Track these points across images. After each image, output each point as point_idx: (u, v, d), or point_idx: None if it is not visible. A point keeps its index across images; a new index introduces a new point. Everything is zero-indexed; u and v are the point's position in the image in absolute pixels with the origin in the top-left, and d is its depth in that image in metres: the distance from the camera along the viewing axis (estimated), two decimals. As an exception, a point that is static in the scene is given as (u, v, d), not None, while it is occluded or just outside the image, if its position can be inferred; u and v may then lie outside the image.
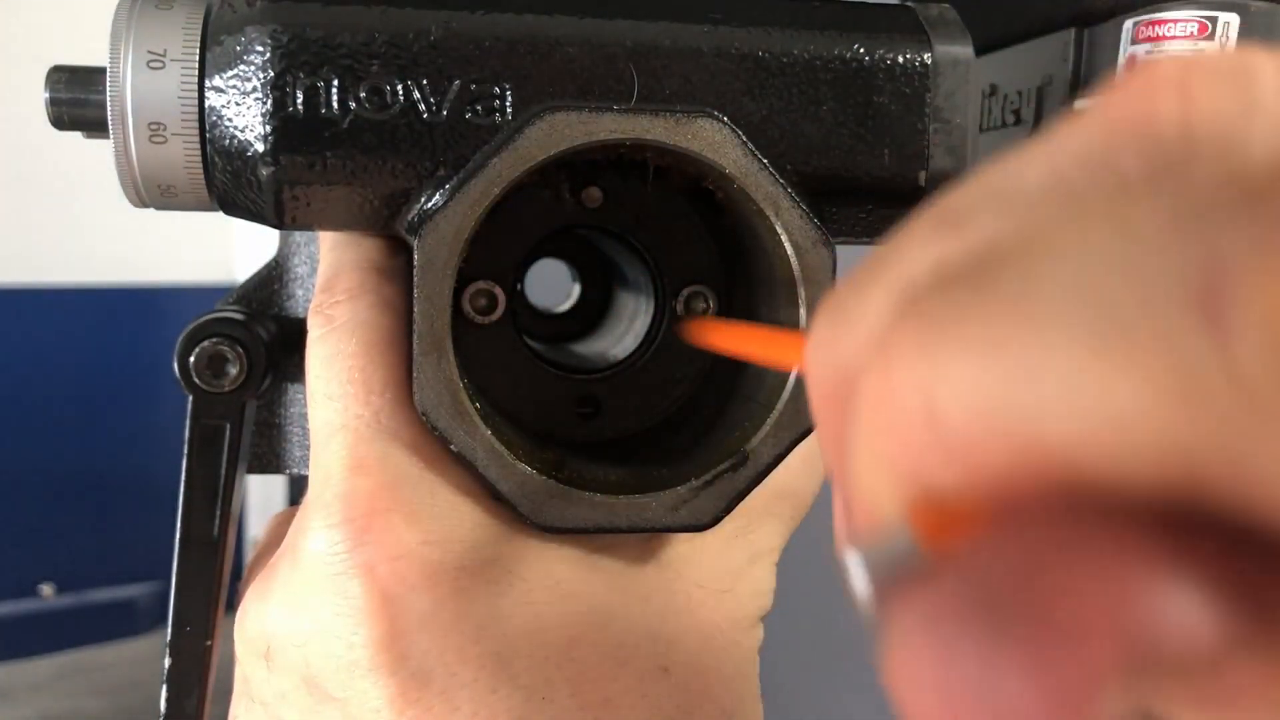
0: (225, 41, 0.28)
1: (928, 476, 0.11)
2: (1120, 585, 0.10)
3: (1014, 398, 0.10)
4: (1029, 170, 0.13)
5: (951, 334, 0.11)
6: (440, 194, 0.28)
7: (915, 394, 0.11)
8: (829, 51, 0.30)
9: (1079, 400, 0.10)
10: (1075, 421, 0.10)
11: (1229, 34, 0.36)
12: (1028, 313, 0.10)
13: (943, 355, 0.11)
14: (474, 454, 0.29)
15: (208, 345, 0.32)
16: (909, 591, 0.11)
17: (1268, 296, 0.09)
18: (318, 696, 0.29)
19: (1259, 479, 0.09)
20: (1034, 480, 0.10)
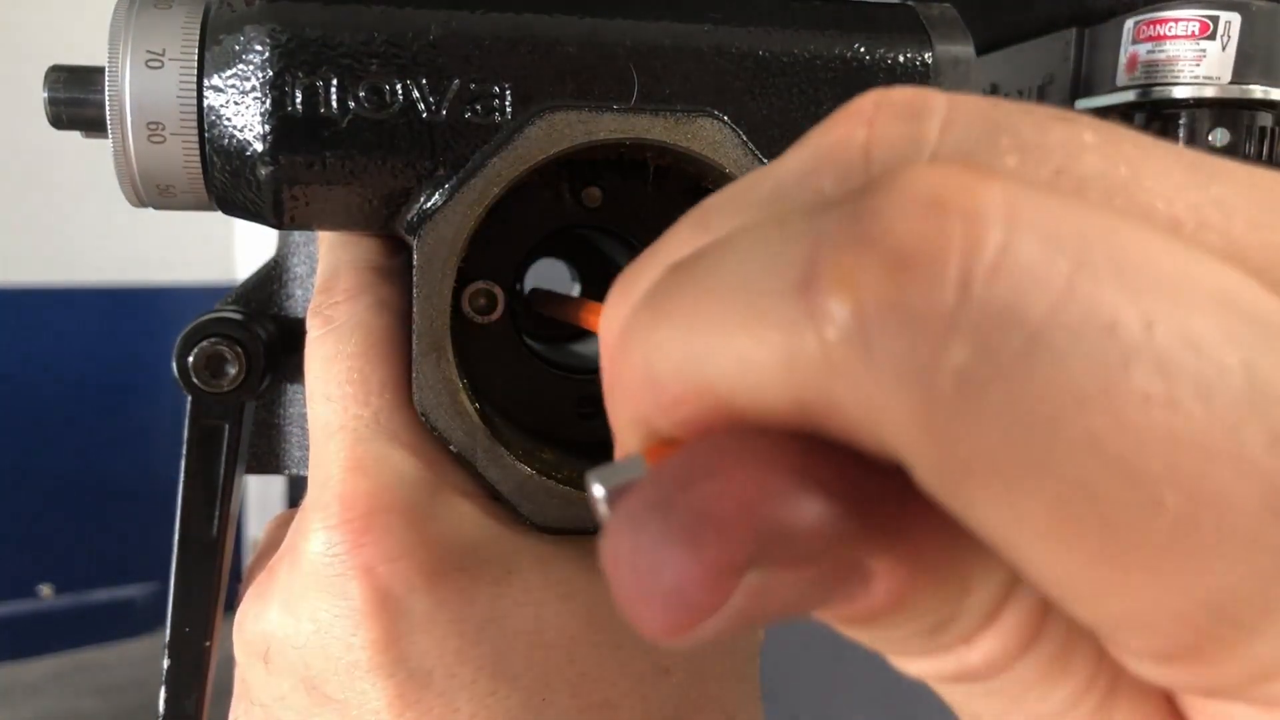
0: (224, 41, 0.28)
1: (651, 422, 0.15)
2: (751, 487, 0.13)
3: (695, 358, 0.14)
4: (763, 183, 0.16)
5: (662, 312, 0.14)
6: (440, 194, 0.28)
7: (640, 358, 0.14)
8: (830, 51, 0.30)
9: (732, 357, 0.13)
10: (732, 372, 0.13)
11: (1230, 32, 0.36)
12: (705, 296, 0.14)
13: (655, 329, 0.14)
14: (473, 454, 0.29)
15: (206, 345, 0.32)
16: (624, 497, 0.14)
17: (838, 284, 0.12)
18: (317, 698, 0.29)
19: (838, 411, 0.13)
20: (715, 418, 0.14)
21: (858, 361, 0.12)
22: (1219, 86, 0.36)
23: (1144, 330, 0.12)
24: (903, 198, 0.12)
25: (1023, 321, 0.11)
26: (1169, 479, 0.12)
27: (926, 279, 0.12)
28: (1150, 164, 0.14)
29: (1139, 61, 0.37)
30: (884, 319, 0.12)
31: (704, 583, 0.13)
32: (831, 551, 0.13)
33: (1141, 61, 0.37)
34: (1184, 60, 0.36)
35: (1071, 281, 0.12)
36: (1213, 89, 0.36)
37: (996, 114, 0.14)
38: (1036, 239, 0.12)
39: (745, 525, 0.13)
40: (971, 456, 0.12)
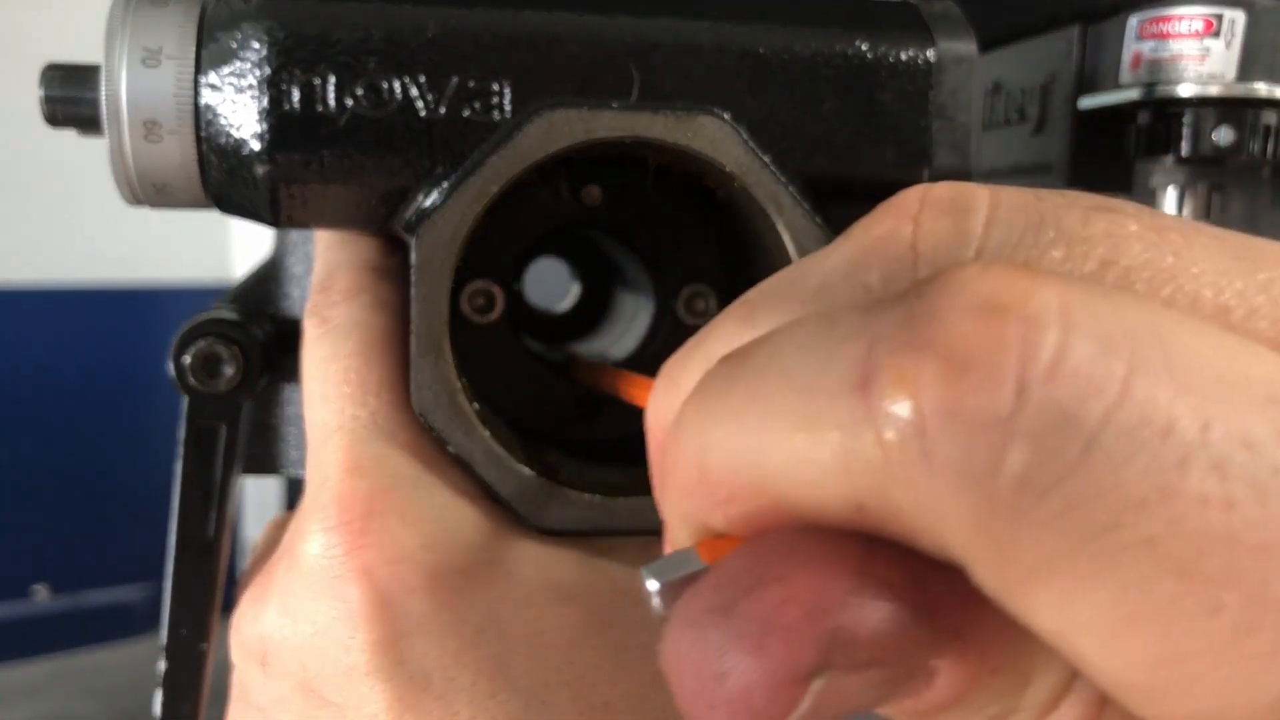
0: (221, 38, 0.28)
1: (703, 516, 0.15)
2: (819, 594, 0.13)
3: (750, 457, 0.14)
4: (809, 276, 0.16)
5: (714, 407, 0.14)
6: (438, 192, 0.28)
7: (693, 454, 0.14)
8: (831, 48, 0.30)
9: (789, 458, 0.13)
10: (789, 472, 0.13)
11: (1235, 30, 0.36)
12: (759, 393, 0.14)
13: (708, 425, 0.14)
14: (472, 455, 0.29)
15: (202, 345, 0.31)
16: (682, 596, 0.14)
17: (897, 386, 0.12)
18: (315, 701, 0.28)
19: (898, 512, 0.13)
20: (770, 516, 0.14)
21: (916, 465, 0.12)
22: (1223, 85, 0.36)
23: (1200, 431, 0.12)
24: (959, 299, 0.12)
25: (1080, 425, 0.12)
26: (1228, 581, 0.11)
27: (985, 383, 0.12)
28: (1195, 251, 0.14)
29: (1143, 59, 0.37)
30: (943, 423, 0.12)
31: (770, 690, 0.13)
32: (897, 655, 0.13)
33: (1145, 59, 0.37)
34: (1188, 58, 0.36)
35: (1127, 384, 0.12)
36: (1217, 87, 0.36)
37: (1040, 207, 0.15)
38: (1091, 340, 0.12)
39: (811, 633, 0.13)
40: (1031, 560, 0.12)
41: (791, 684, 0.13)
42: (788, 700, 0.13)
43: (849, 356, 0.13)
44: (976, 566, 0.12)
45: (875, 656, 0.13)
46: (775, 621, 0.13)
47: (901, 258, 0.15)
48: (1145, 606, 0.12)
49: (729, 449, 0.14)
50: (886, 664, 0.13)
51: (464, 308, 0.31)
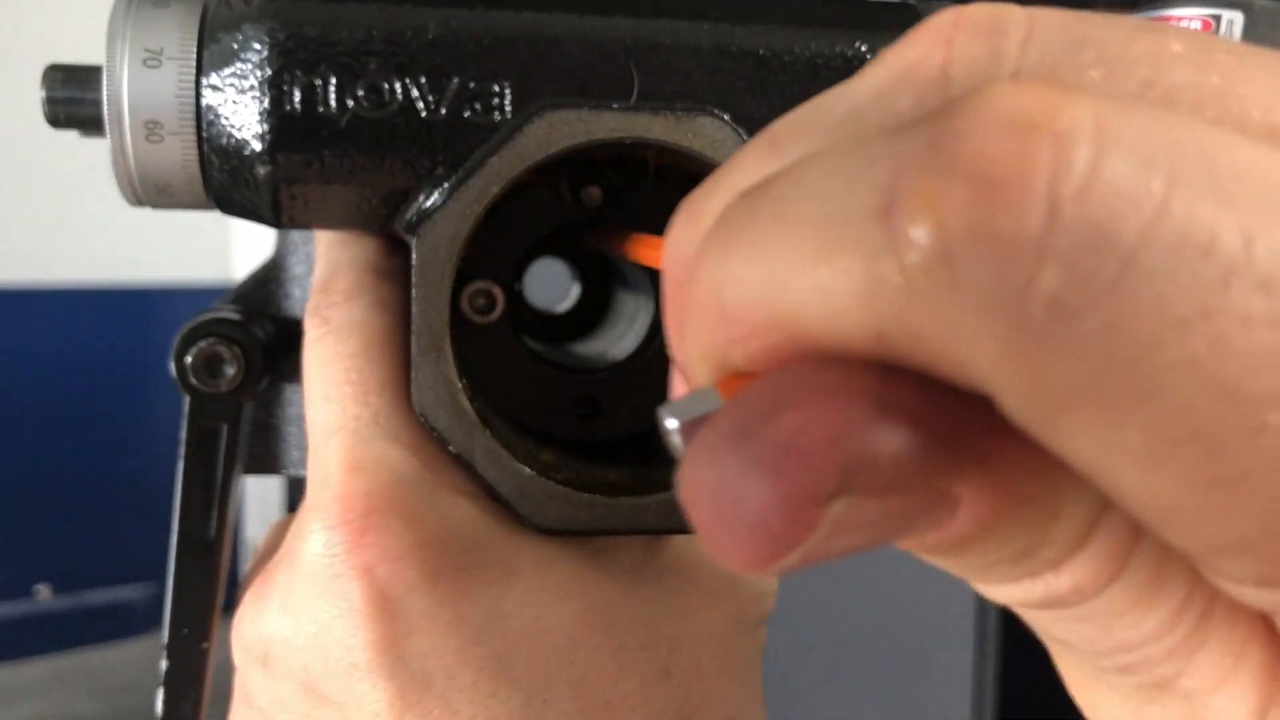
0: (222, 39, 0.28)
1: (723, 354, 0.14)
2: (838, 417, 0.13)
3: (770, 289, 0.13)
4: (837, 105, 0.15)
5: (735, 240, 0.14)
6: (439, 193, 0.28)
7: (712, 290, 0.14)
8: (831, 49, 0.30)
9: (809, 287, 0.13)
10: (810, 302, 0.13)
11: (1233, 32, 0.36)
12: (781, 223, 0.13)
13: (728, 258, 0.14)
14: (472, 455, 0.29)
15: (204, 345, 0.31)
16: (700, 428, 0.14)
17: (920, 210, 0.12)
18: (316, 701, 0.28)
19: (921, 340, 0.12)
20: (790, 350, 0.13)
21: (942, 289, 0.12)
22: (1221, 85, 0.36)
23: (1243, 246, 0.11)
24: (987, 118, 0.12)
25: (1116, 244, 0.11)
26: (1273, 400, 0.11)
27: (1014, 202, 0.11)
28: (1245, 72, 0.13)
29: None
30: (970, 244, 0.11)
31: (789, 513, 0.12)
32: (917, 480, 0.13)
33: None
34: (1186, 59, 0.36)
35: (1165, 199, 0.11)
36: (1215, 88, 0.36)
37: (1080, 28, 0.14)
38: (1127, 156, 0.11)
39: (830, 454, 0.12)
40: (1065, 386, 0.11)
41: (810, 506, 0.12)
42: (806, 523, 0.12)
43: (873, 181, 0.12)
44: (1006, 395, 0.12)
45: (896, 480, 0.13)
46: (794, 444, 0.12)
47: (933, 82, 0.14)
48: (1188, 428, 0.11)
49: (750, 282, 0.13)
50: (908, 489, 0.13)
51: (464, 308, 0.31)
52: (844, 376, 0.13)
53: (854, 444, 0.12)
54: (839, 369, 0.13)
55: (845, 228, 0.12)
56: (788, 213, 0.13)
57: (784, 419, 0.13)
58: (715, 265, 0.14)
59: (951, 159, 0.12)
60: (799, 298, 0.13)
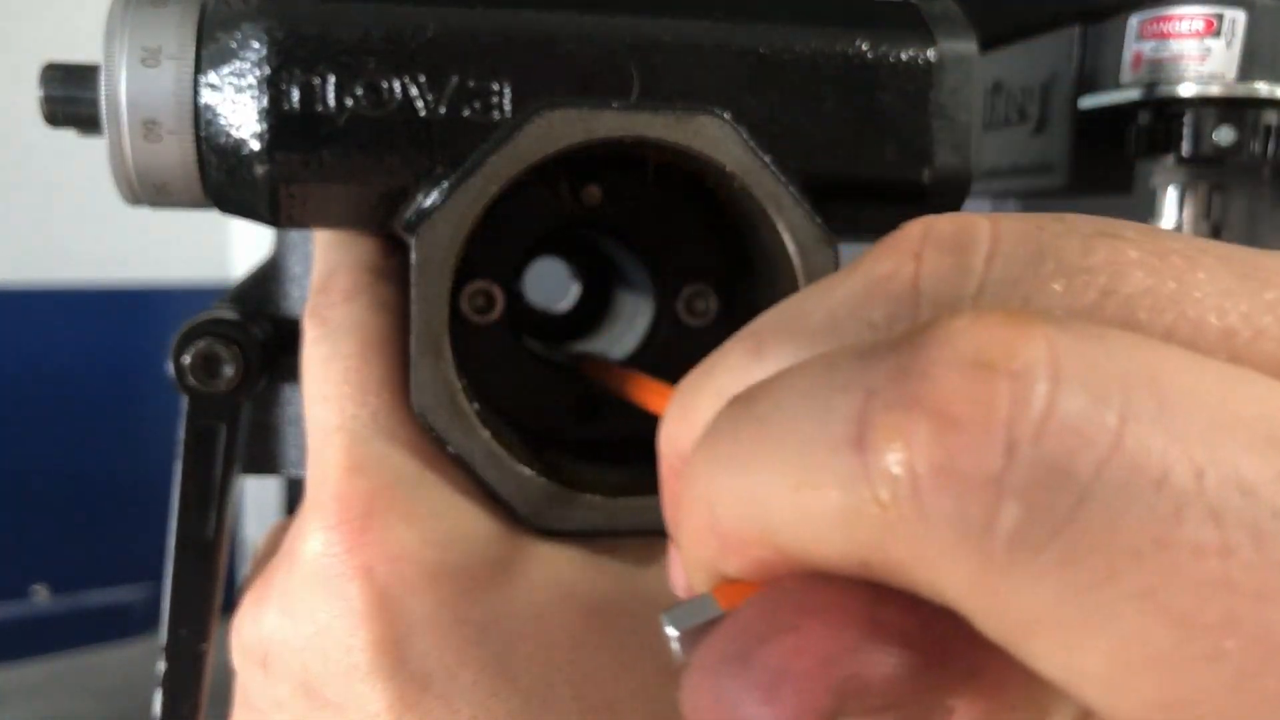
0: (220, 38, 0.28)
1: (717, 564, 0.15)
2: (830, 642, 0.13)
3: (756, 510, 0.14)
4: (816, 309, 0.16)
5: (722, 456, 0.14)
6: (438, 192, 0.28)
7: (704, 504, 0.15)
8: (832, 48, 0.30)
9: (792, 512, 0.13)
10: (794, 524, 0.14)
11: (1235, 30, 0.36)
12: (763, 443, 0.14)
13: (716, 474, 0.15)
14: (472, 455, 0.29)
15: (202, 345, 0.31)
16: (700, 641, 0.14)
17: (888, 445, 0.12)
18: (316, 702, 0.28)
19: (899, 565, 0.13)
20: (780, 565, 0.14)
21: (912, 521, 0.12)
22: (1224, 84, 0.36)
23: (1194, 478, 0.12)
24: (948, 356, 0.13)
25: (1072, 480, 0.12)
26: (1228, 628, 0.11)
27: (974, 441, 0.12)
28: (1199, 274, 0.14)
29: (1143, 59, 0.37)
30: (935, 481, 0.12)
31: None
32: (910, 698, 0.13)
33: (1146, 59, 0.37)
34: (1189, 58, 0.36)
35: (1119, 434, 0.12)
36: (1218, 87, 0.36)
37: (1040, 238, 0.15)
38: (1081, 391, 0.12)
39: (823, 680, 0.13)
40: (1029, 612, 0.12)
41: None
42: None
43: (845, 410, 0.13)
44: (977, 618, 0.13)
45: (889, 701, 0.13)
46: (789, 670, 0.13)
47: (904, 296, 0.15)
48: (1146, 654, 0.12)
49: (736, 500, 0.14)
50: (901, 708, 0.13)
51: (464, 307, 0.31)
52: (834, 596, 0.14)
53: (846, 667, 0.13)
54: (830, 587, 0.14)
55: (821, 455, 0.13)
56: (768, 434, 0.14)
57: (779, 643, 0.13)
58: (706, 478, 0.15)
59: (916, 396, 0.12)
60: (782, 518, 0.14)
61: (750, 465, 0.14)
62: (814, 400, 0.14)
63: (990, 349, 0.12)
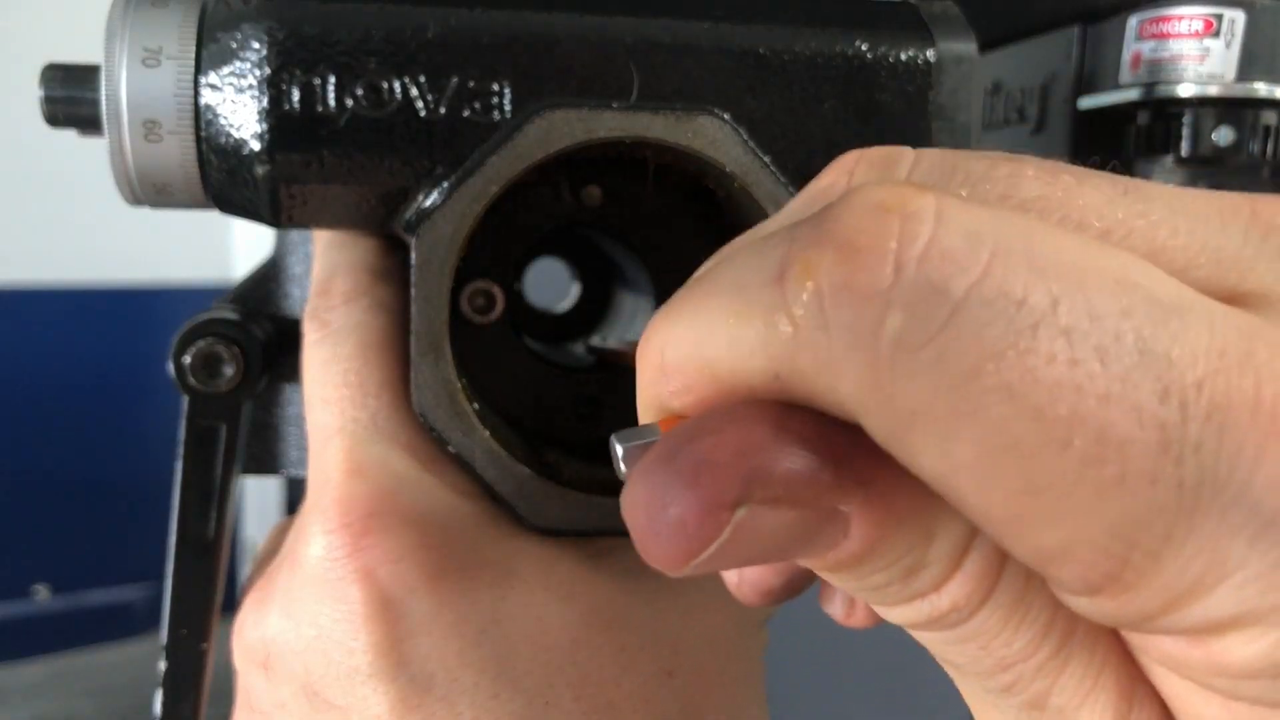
0: (221, 39, 0.28)
1: (664, 402, 0.18)
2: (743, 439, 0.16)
3: (697, 345, 0.17)
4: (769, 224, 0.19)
5: (673, 312, 0.17)
6: (438, 192, 0.28)
7: (655, 351, 0.18)
8: (831, 49, 0.30)
9: (723, 341, 0.16)
10: (725, 354, 0.16)
11: (1234, 30, 0.36)
12: (706, 296, 0.17)
13: (668, 325, 0.17)
14: (472, 455, 0.29)
15: (203, 345, 0.31)
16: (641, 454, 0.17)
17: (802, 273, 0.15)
18: (317, 705, 0.28)
19: (805, 377, 0.15)
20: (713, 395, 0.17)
21: (818, 333, 0.15)
22: (1223, 85, 0.36)
23: (1050, 305, 0.14)
24: (856, 204, 0.15)
25: (947, 296, 0.14)
26: (1075, 422, 0.14)
27: (869, 263, 0.15)
28: (1085, 189, 0.17)
29: (1142, 59, 0.37)
30: (836, 297, 0.15)
31: (701, 516, 0.16)
32: (808, 494, 0.16)
33: (1145, 59, 0.37)
34: (1188, 58, 0.36)
35: (989, 267, 0.14)
36: (1217, 87, 0.36)
37: (954, 158, 0.18)
38: (960, 232, 0.15)
39: (735, 469, 0.16)
40: (909, 408, 0.15)
41: (718, 511, 0.16)
42: (715, 524, 0.16)
43: (772, 256, 0.16)
44: (867, 417, 0.15)
45: (789, 493, 0.16)
46: (706, 459, 0.16)
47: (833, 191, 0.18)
48: (1006, 441, 0.14)
49: (682, 339, 0.17)
50: (799, 503, 0.16)
51: (464, 308, 0.31)
52: (750, 410, 0.16)
53: (754, 461, 0.16)
54: (748, 406, 0.16)
55: (750, 292, 0.16)
56: (712, 287, 0.17)
57: (701, 441, 0.16)
58: (659, 332, 0.18)
59: (827, 234, 0.15)
60: (717, 349, 0.16)
61: (695, 311, 0.17)
62: (750, 256, 0.16)
63: (889, 198, 0.15)
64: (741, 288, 0.16)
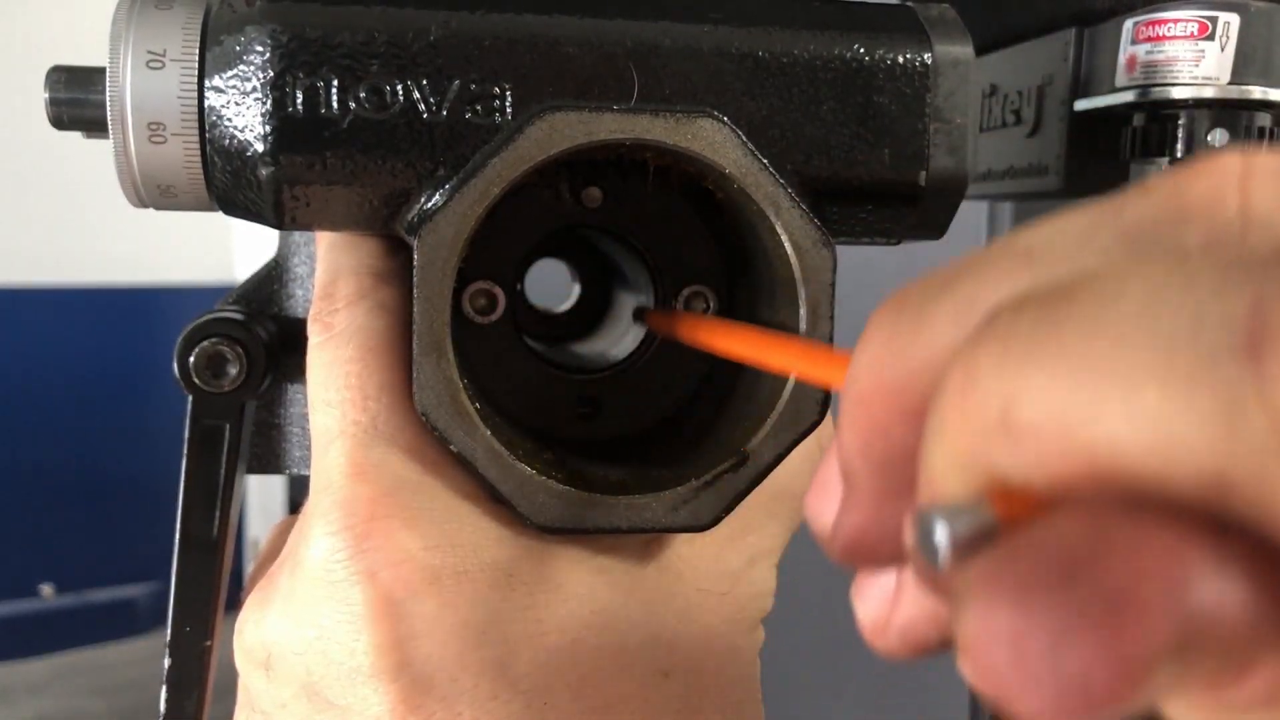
0: (225, 41, 0.28)
1: (995, 467, 0.13)
2: (1174, 568, 0.11)
3: (1080, 411, 0.12)
4: (1098, 226, 0.15)
5: (1030, 353, 0.13)
6: (440, 194, 0.28)
7: (994, 400, 0.13)
8: (829, 51, 0.30)
9: (1137, 417, 0.12)
10: (1132, 434, 0.12)
11: (1229, 33, 0.36)
12: (1098, 339, 0.12)
13: (1021, 370, 0.13)
14: (474, 454, 0.29)
15: (207, 345, 0.32)
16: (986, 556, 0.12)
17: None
18: (318, 705, 0.29)
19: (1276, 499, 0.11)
20: (1090, 479, 0.12)
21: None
22: (1218, 87, 0.36)
23: None
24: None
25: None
26: None
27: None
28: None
29: (1138, 62, 0.37)
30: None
31: (1116, 674, 0.11)
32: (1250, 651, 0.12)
33: (1140, 62, 0.37)
34: (1183, 61, 0.36)
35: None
36: (1211, 89, 0.36)
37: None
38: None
39: (1170, 611, 0.11)
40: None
41: (1141, 667, 0.11)
42: (1134, 685, 0.11)
43: (1230, 313, 0.11)
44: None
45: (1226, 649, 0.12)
46: (1127, 602, 0.11)
47: (1228, 220, 0.14)
48: None
49: (1048, 401, 0.12)
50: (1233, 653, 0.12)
51: (466, 308, 0.31)
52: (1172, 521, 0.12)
53: (1195, 604, 0.11)
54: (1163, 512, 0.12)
55: (1194, 358, 0.11)
56: (1104, 331, 0.12)
57: (1114, 564, 0.11)
58: (1001, 376, 0.13)
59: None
60: (1121, 428, 0.12)
61: (1079, 363, 0.12)
62: (1169, 300, 0.12)
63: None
64: (1170, 346, 0.11)
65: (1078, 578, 0.11)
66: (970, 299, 0.15)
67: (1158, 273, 0.12)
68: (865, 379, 0.16)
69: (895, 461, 0.16)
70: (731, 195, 0.30)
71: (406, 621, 0.28)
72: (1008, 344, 0.13)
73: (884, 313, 0.16)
